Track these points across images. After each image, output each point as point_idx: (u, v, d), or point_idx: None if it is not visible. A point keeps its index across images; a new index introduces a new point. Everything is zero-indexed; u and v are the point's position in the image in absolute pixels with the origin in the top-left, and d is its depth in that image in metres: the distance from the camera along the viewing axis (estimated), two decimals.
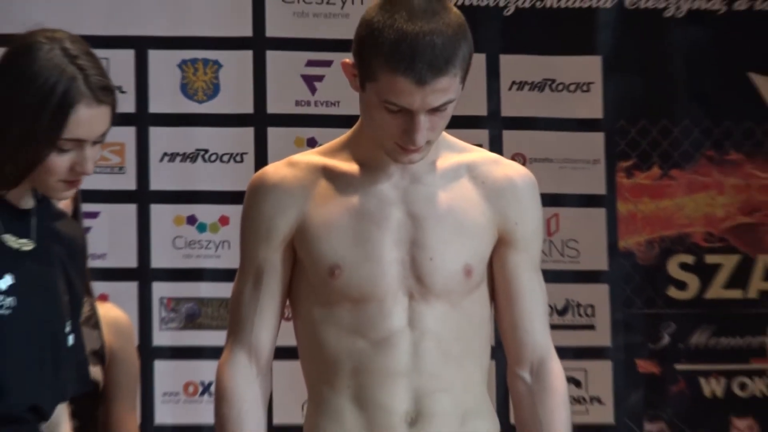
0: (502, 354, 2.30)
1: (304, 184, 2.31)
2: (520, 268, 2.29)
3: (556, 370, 2.24)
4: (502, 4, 4.04)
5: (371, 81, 2.22)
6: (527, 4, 4.06)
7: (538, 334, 2.29)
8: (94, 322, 2.99)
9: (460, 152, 2.34)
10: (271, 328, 2.30)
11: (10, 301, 2.21)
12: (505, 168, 2.34)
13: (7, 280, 2.20)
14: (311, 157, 2.35)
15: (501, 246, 2.29)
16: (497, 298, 2.34)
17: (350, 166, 2.31)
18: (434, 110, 2.19)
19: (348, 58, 2.22)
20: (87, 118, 2.18)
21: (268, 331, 2.29)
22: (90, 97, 2.17)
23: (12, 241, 2.22)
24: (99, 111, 2.18)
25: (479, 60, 4.04)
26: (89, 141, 2.23)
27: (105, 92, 2.17)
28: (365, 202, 2.29)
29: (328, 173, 2.31)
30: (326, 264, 2.24)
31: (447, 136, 2.34)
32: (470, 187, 2.32)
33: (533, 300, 2.30)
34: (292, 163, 2.36)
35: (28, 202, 2.29)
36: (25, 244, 2.22)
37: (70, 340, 2.29)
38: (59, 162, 2.19)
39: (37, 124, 2.20)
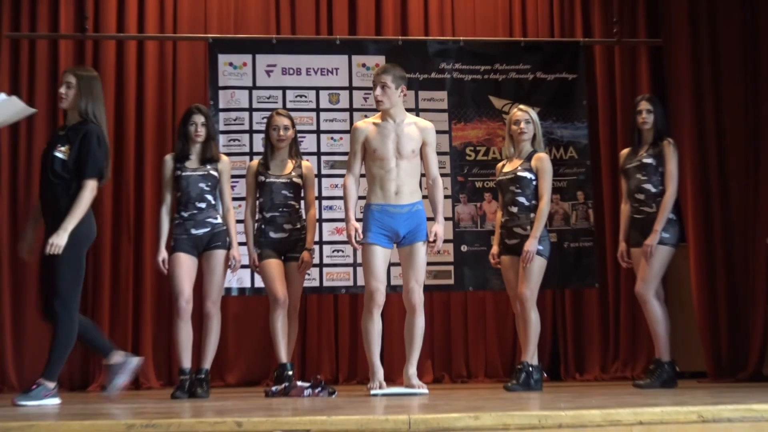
0: (423, 180, 5.62)
1: (368, 127, 5.69)
2: (429, 151, 5.79)
3: (439, 180, 5.78)
4: (416, 75, 7.44)
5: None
6: (428, 76, 7.53)
7: (434, 170, 5.75)
8: (299, 164, 6.29)
9: (411, 118, 5.72)
10: (359, 167, 5.72)
11: None
12: (425, 123, 5.75)
13: None
14: (370, 119, 5.73)
15: (423, 145, 5.73)
16: (423, 160, 5.73)
17: (379, 121, 5.67)
18: (382, 87, 5.62)
19: None
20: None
21: (358, 168, 5.71)
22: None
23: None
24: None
25: (411, 93, 7.20)
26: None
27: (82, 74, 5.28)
28: (383, 131, 5.67)
29: (375, 123, 5.69)
30: (373, 148, 5.65)
31: (408, 114, 5.70)
32: (414, 129, 5.72)
33: (433, 160, 5.77)
34: (364, 121, 5.71)
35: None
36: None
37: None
38: None
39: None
